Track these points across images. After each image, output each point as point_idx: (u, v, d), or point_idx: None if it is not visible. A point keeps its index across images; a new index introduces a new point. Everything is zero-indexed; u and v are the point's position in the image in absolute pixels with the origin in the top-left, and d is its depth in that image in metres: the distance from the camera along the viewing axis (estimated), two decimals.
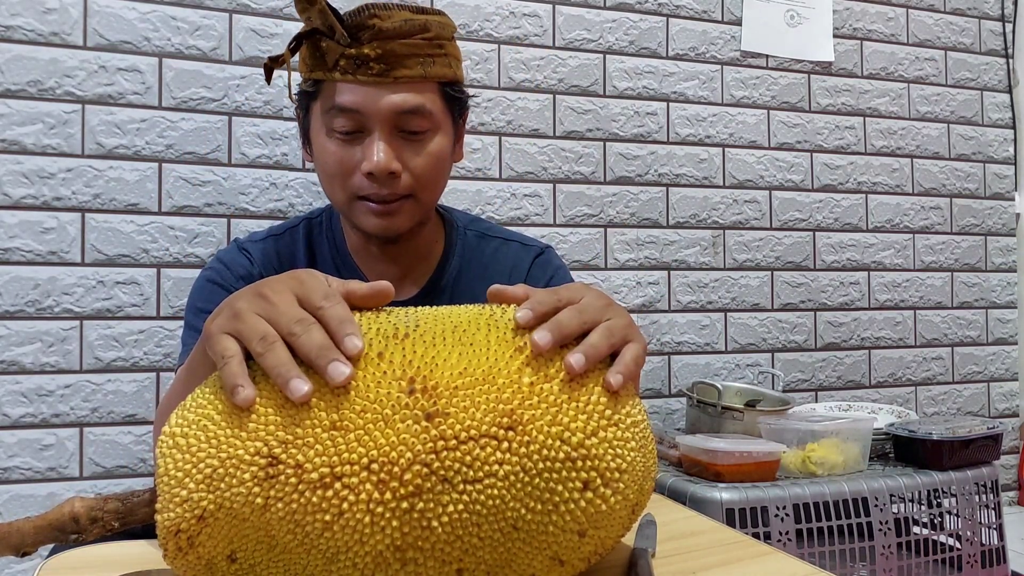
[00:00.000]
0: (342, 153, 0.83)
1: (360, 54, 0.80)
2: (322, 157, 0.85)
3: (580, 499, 0.44)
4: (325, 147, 0.84)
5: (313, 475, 0.42)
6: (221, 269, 0.93)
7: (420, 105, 0.82)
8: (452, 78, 0.87)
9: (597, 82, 1.59)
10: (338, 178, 0.84)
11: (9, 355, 1.24)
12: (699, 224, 1.66)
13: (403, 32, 0.81)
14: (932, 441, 1.33)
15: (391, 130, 0.83)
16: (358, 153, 0.83)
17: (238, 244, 0.97)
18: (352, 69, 0.80)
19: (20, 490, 1.24)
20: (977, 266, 1.89)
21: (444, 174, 0.90)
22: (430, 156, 0.85)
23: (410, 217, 0.87)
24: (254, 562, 0.44)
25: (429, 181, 0.86)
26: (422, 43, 0.82)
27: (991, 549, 1.37)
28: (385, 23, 0.80)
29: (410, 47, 0.81)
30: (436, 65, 0.84)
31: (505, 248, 1.01)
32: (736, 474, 1.21)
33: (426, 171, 0.85)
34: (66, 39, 1.27)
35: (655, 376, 1.62)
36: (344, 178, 0.84)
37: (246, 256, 0.94)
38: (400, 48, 0.80)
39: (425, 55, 0.82)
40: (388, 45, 0.80)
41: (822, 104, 1.76)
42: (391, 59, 0.80)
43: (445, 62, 0.85)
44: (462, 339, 0.47)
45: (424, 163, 0.85)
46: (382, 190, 0.83)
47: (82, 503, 0.44)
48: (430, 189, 0.88)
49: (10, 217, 1.25)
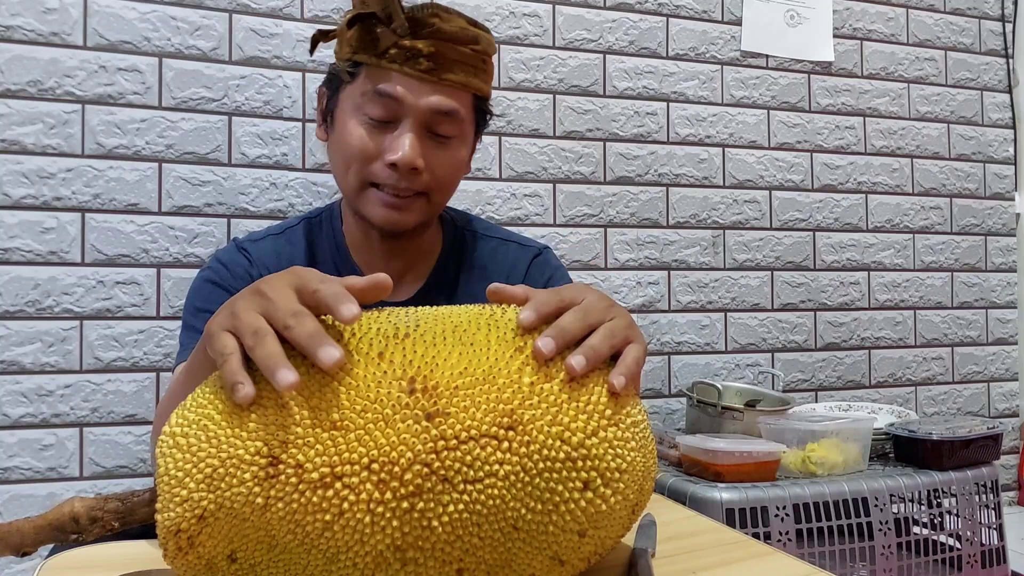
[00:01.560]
0: (368, 138, 0.84)
1: (414, 47, 0.81)
2: (345, 138, 0.85)
3: (580, 499, 0.45)
4: (351, 129, 0.85)
5: (313, 475, 0.42)
6: (219, 269, 0.93)
7: (456, 110, 0.85)
8: (486, 93, 0.90)
9: (597, 82, 1.59)
10: (357, 162, 0.85)
11: (9, 355, 1.24)
12: (699, 224, 1.66)
13: (458, 38, 0.83)
14: (932, 441, 1.33)
15: (422, 127, 0.84)
16: (384, 142, 0.84)
17: (236, 244, 0.97)
18: (402, 60, 0.82)
19: (20, 490, 1.24)
20: (977, 266, 1.89)
21: (457, 182, 0.92)
22: (452, 160, 0.87)
23: (418, 215, 0.88)
24: (254, 562, 0.44)
25: (445, 184, 0.88)
26: (471, 54, 0.84)
27: (991, 549, 1.37)
28: (445, 25, 0.82)
29: (460, 54, 0.83)
30: (477, 78, 0.86)
31: (503, 248, 1.01)
32: (736, 474, 1.21)
33: (446, 175, 0.87)
34: (66, 39, 1.27)
35: (655, 376, 1.62)
36: (363, 163, 0.85)
37: (244, 256, 0.94)
38: (452, 52, 0.83)
39: (471, 65, 0.85)
40: (442, 46, 0.82)
41: (822, 104, 1.76)
42: (441, 60, 0.82)
43: (485, 77, 0.88)
44: (462, 339, 0.47)
45: (446, 166, 0.87)
46: (400, 183, 0.84)
47: (82, 503, 0.44)
48: (444, 192, 0.89)
49: (10, 217, 1.25)
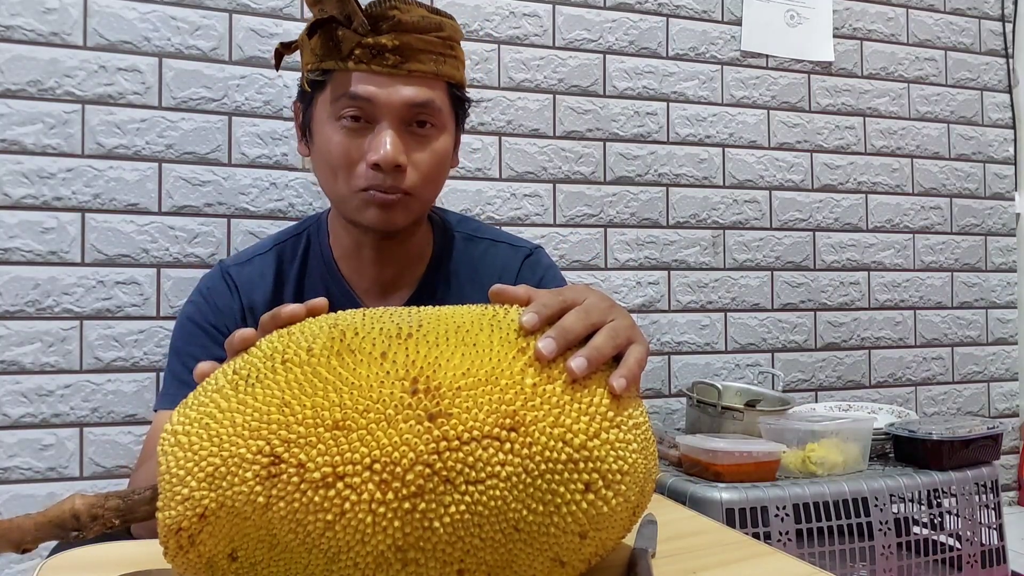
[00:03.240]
0: (348, 143, 0.83)
1: (377, 44, 0.80)
2: (326, 147, 0.84)
3: (582, 501, 0.45)
4: (330, 138, 0.84)
5: (315, 474, 0.42)
6: (200, 303, 0.93)
7: (431, 100, 0.83)
8: (460, 80, 0.88)
9: (597, 82, 1.59)
10: (342, 169, 0.84)
11: (9, 355, 1.24)
12: (699, 224, 1.66)
13: (420, 27, 0.82)
14: (932, 441, 1.33)
15: (400, 123, 0.83)
16: (364, 144, 0.83)
17: (222, 268, 0.95)
18: (367, 59, 0.81)
19: (20, 490, 1.24)
20: (977, 266, 1.90)
21: (444, 175, 0.90)
22: (435, 154, 0.86)
23: (408, 214, 0.86)
24: (255, 561, 0.44)
25: (431, 179, 0.87)
26: (436, 41, 0.83)
27: (991, 549, 1.37)
28: (405, 16, 0.81)
29: (425, 43, 0.82)
30: (447, 65, 0.85)
31: (494, 250, 1.00)
32: (736, 474, 1.21)
33: (430, 169, 0.85)
34: (66, 39, 1.27)
35: (655, 376, 1.62)
36: (348, 169, 0.84)
37: (227, 282, 0.93)
38: (416, 42, 0.82)
39: (438, 53, 0.84)
40: (405, 38, 0.81)
41: (822, 104, 1.76)
42: (407, 51, 0.81)
43: (455, 64, 0.86)
44: (465, 339, 0.47)
45: (429, 160, 0.85)
46: (386, 182, 0.83)
47: (83, 500, 0.45)
48: (431, 188, 0.88)
49: (10, 217, 1.24)
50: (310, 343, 0.47)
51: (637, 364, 0.50)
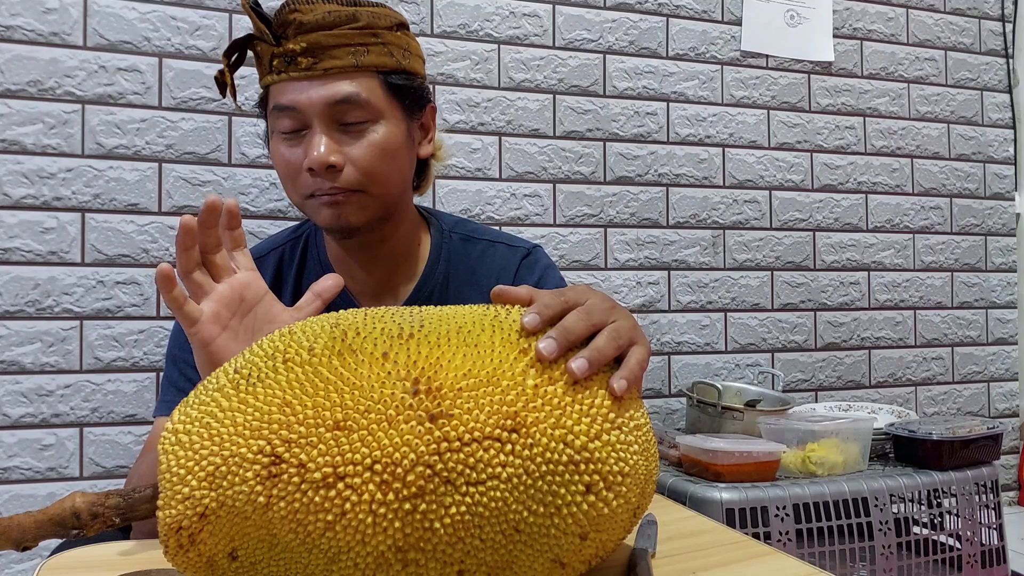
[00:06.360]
0: (289, 154, 0.83)
1: (287, 51, 0.80)
2: (275, 160, 0.86)
3: (582, 502, 0.45)
4: (274, 150, 0.85)
5: (316, 475, 0.42)
6: None
7: (352, 94, 0.81)
8: (393, 67, 0.84)
9: (597, 82, 1.59)
10: (289, 179, 0.84)
11: (9, 355, 1.24)
12: (699, 224, 1.66)
13: (326, 23, 0.80)
14: (932, 441, 1.33)
15: (330, 123, 0.82)
16: (301, 151, 0.82)
17: None
18: (283, 67, 0.81)
19: (20, 490, 1.24)
20: (977, 266, 1.90)
21: (397, 166, 0.86)
22: (373, 147, 0.83)
23: (362, 211, 0.84)
24: (255, 560, 0.44)
25: (377, 174, 0.83)
26: (351, 32, 0.81)
27: (991, 549, 1.37)
28: (306, 16, 0.79)
29: (337, 37, 0.80)
30: (370, 54, 0.82)
31: (491, 251, 0.99)
32: (736, 474, 1.21)
33: (370, 163, 0.82)
34: (66, 39, 1.27)
35: (655, 376, 1.62)
36: (294, 178, 0.84)
37: None
38: (326, 39, 0.80)
39: (357, 44, 0.81)
40: (311, 37, 0.80)
41: (822, 104, 1.76)
42: (317, 51, 0.80)
43: (383, 51, 0.83)
44: (467, 340, 0.47)
45: (366, 154, 0.82)
46: (324, 184, 0.82)
47: (83, 498, 0.45)
48: (380, 182, 0.84)
49: (10, 217, 1.24)
50: (311, 343, 0.47)
51: (638, 365, 0.50)
